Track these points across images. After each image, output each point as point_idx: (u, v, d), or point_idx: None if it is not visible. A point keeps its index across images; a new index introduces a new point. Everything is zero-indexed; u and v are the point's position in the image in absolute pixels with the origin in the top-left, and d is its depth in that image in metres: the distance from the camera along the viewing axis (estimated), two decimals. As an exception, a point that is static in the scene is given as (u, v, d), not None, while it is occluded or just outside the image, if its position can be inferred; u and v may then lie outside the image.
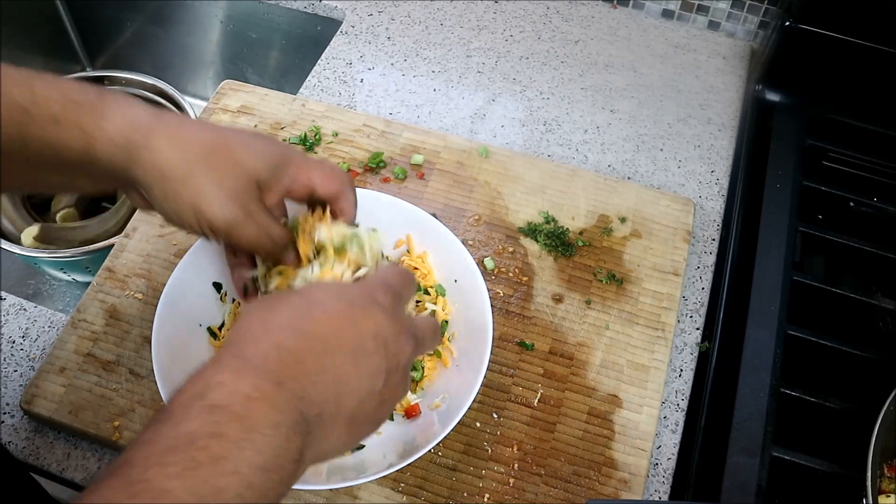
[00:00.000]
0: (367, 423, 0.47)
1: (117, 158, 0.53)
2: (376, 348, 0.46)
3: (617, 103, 0.95)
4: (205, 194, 0.54)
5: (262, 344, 0.43)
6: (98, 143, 0.53)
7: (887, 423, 0.61)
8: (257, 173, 0.56)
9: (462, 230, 0.79)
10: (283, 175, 0.58)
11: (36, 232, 1.00)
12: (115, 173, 0.54)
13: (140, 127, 0.53)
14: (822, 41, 0.88)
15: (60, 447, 0.69)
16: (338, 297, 0.47)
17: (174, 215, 0.55)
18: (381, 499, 0.64)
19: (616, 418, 0.69)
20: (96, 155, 0.53)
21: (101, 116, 0.53)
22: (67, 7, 1.25)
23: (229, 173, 0.55)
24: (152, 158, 0.53)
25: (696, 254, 0.82)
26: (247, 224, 0.56)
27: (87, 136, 0.52)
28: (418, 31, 1.02)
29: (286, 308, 0.46)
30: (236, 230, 0.56)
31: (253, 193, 0.56)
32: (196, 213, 0.54)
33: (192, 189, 0.54)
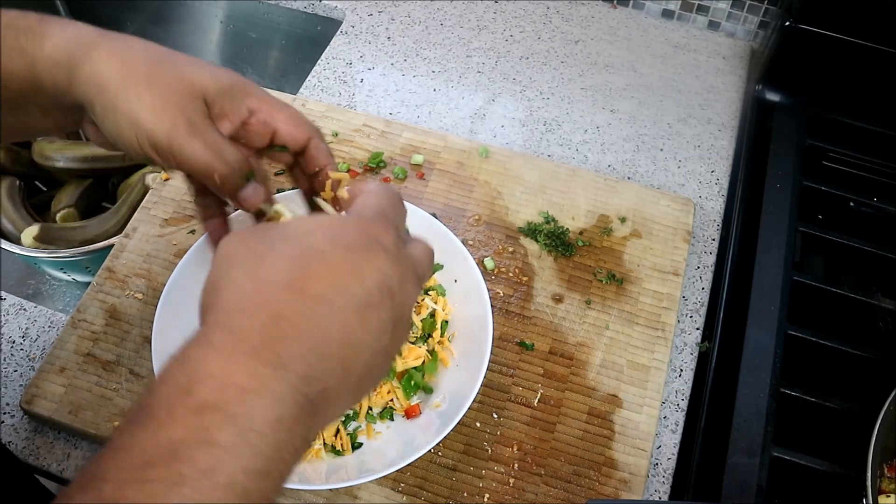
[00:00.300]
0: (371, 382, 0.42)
1: (59, 78, 0.50)
2: (382, 299, 0.40)
3: (617, 103, 0.95)
4: (143, 103, 0.49)
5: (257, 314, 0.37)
6: (40, 64, 0.50)
7: (887, 423, 0.61)
8: (205, 89, 0.51)
9: (462, 230, 0.79)
10: (238, 104, 0.53)
11: (36, 232, 1.00)
12: (59, 97, 0.51)
13: (81, 43, 0.50)
14: (822, 41, 0.88)
15: (60, 447, 0.69)
16: (336, 241, 0.40)
17: (115, 134, 0.50)
18: (381, 499, 0.64)
19: (616, 418, 0.69)
20: (39, 77, 0.50)
21: (41, 36, 0.50)
22: (67, 7, 1.25)
23: (173, 85, 0.50)
24: (91, 70, 0.49)
25: (696, 254, 0.82)
26: (191, 139, 0.50)
27: (29, 59, 0.50)
28: (418, 31, 1.02)
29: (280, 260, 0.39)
30: (180, 146, 0.49)
31: (199, 108, 0.51)
32: (135, 127, 0.49)
33: (131, 98, 0.49)
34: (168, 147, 0.49)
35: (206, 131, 0.51)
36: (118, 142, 0.51)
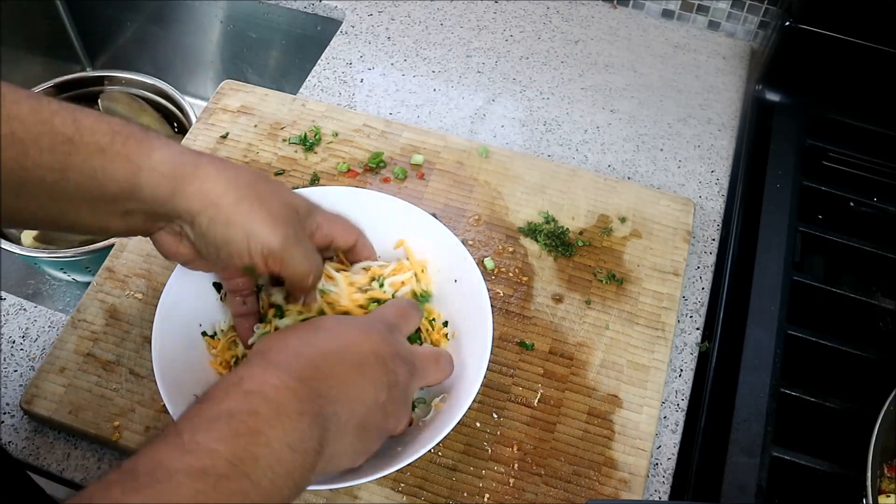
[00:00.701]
0: (373, 433, 0.53)
1: (162, 188, 0.54)
2: (376, 363, 0.53)
3: (617, 103, 0.95)
4: (258, 218, 0.56)
5: (283, 353, 0.50)
6: (144, 173, 0.53)
7: (887, 423, 0.61)
8: (297, 207, 0.60)
9: (462, 230, 0.79)
10: (312, 220, 0.61)
11: (36, 232, 1.00)
12: (155, 205, 0.55)
13: (186, 160, 0.55)
14: (822, 41, 0.88)
15: (60, 447, 0.69)
16: (341, 323, 0.56)
17: (222, 243, 0.56)
18: (381, 499, 0.64)
19: (616, 418, 0.69)
20: (141, 184, 0.53)
21: (148, 147, 0.54)
22: (67, 7, 1.25)
23: (276, 202, 0.57)
24: (201, 187, 0.55)
25: (696, 254, 0.82)
26: (297, 247, 0.58)
27: (134, 166, 0.53)
28: (418, 31, 1.02)
29: (299, 331, 0.53)
30: (289, 252, 0.57)
31: (297, 222, 0.59)
32: (249, 237, 0.56)
33: (245, 213, 0.55)
34: (281, 255, 0.57)
35: (306, 243, 0.60)
36: (222, 251, 0.56)
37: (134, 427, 0.67)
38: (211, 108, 0.89)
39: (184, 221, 0.56)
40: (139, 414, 0.68)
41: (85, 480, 0.67)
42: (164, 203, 0.55)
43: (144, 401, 0.68)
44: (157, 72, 1.19)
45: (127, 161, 0.53)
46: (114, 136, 0.53)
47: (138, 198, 0.54)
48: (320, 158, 0.85)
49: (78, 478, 0.67)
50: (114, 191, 0.53)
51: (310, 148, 0.85)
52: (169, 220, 0.57)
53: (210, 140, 0.86)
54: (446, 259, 0.71)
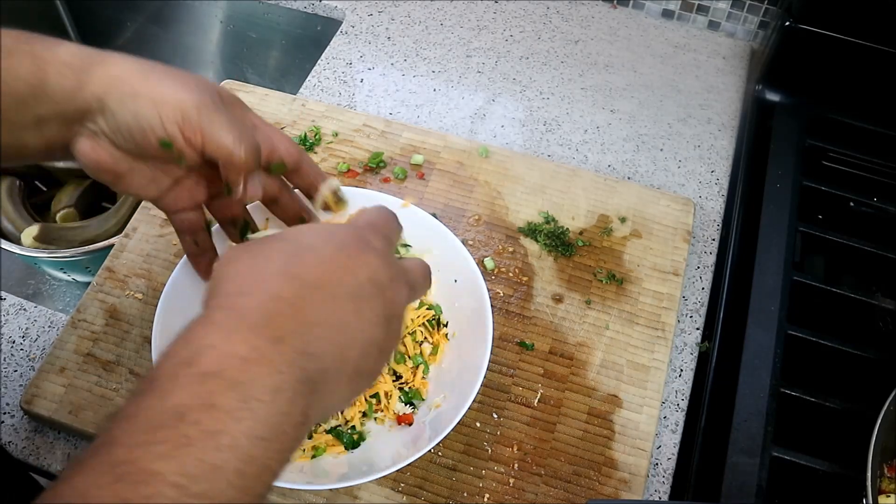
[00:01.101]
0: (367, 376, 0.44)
1: (69, 80, 0.51)
2: (373, 293, 0.43)
3: (617, 103, 0.95)
4: (166, 84, 0.51)
5: (255, 295, 0.39)
6: (50, 66, 0.51)
7: (887, 423, 0.61)
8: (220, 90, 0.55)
9: (462, 230, 0.79)
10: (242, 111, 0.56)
11: (36, 232, 1.00)
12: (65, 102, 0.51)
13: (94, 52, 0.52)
14: (822, 41, 0.88)
15: (60, 447, 0.69)
16: (328, 240, 0.43)
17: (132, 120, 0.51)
18: (381, 499, 0.64)
19: (616, 418, 0.69)
20: (47, 79, 0.51)
21: (54, 44, 0.52)
22: (67, 7, 1.25)
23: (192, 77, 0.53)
24: (107, 70, 0.51)
25: (696, 254, 0.82)
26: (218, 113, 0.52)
27: (40, 61, 0.51)
28: (418, 31, 1.02)
29: (275, 253, 0.42)
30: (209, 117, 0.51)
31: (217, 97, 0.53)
32: (159, 105, 0.51)
33: (153, 82, 0.51)
34: (198, 118, 0.51)
35: (231, 113, 0.53)
36: (134, 130, 0.51)
37: (134, 427, 0.67)
38: (211, 108, 0.89)
39: (96, 114, 0.52)
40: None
41: (85, 480, 0.67)
42: (73, 96, 0.51)
43: (144, 401, 0.68)
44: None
45: (32, 57, 0.51)
46: (19, 37, 0.52)
47: (47, 95, 0.51)
48: (320, 158, 0.85)
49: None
50: (22, 91, 0.51)
51: (310, 148, 0.85)
52: (82, 120, 0.53)
53: (210, 140, 0.86)
54: (446, 259, 0.71)
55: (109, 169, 0.54)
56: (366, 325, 0.42)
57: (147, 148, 0.52)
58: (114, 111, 0.51)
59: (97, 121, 0.52)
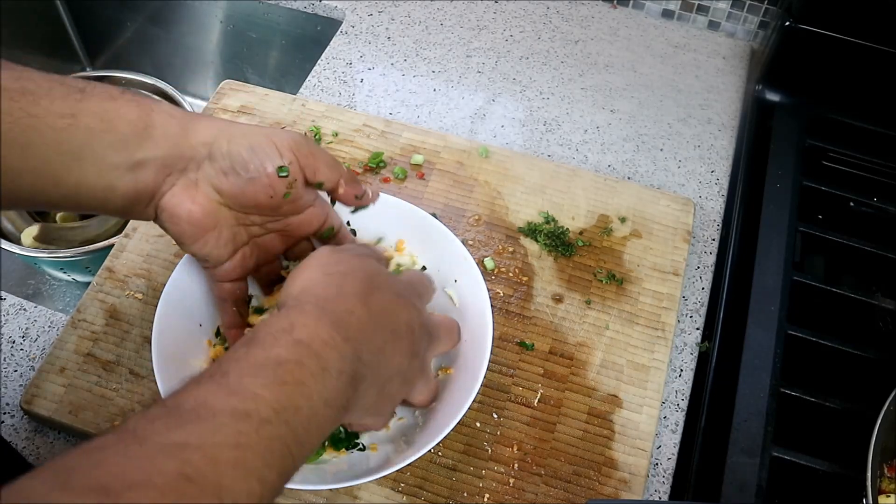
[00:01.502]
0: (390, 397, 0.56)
1: (173, 126, 0.55)
2: (407, 334, 0.55)
3: (617, 103, 0.95)
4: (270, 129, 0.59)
5: (339, 304, 0.50)
6: (155, 114, 0.55)
7: (887, 423, 0.61)
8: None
9: (462, 230, 0.79)
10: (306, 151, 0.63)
11: (36, 232, 1.00)
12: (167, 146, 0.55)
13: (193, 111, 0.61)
14: (822, 41, 0.88)
15: (60, 447, 0.69)
16: (392, 286, 0.56)
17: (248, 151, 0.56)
18: (381, 499, 0.64)
19: (616, 418, 0.69)
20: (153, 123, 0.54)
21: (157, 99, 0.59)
22: (67, 7, 1.25)
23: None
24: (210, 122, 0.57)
25: (696, 254, 0.82)
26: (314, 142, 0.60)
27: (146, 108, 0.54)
28: (418, 31, 1.02)
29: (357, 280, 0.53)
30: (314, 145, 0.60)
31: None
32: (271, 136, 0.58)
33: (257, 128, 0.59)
34: (307, 146, 0.59)
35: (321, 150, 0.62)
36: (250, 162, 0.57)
37: (134, 427, 0.67)
38: (211, 108, 0.89)
39: (201, 161, 0.56)
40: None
41: (85, 480, 0.67)
42: (178, 141, 0.55)
43: (144, 401, 0.68)
44: (157, 72, 1.19)
45: (138, 105, 0.54)
46: (123, 90, 0.55)
47: (151, 138, 0.54)
48: (320, 158, 0.85)
49: (78, 478, 0.67)
50: (125, 132, 0.53)
51: (310, 148, 0.85)
52: (183, 168, 0.56)
53: (210, 140, 0.86)
54: (446, 259, 0.71)
55: (198, 220, 0.58)
56: (398, 355, 0.54)
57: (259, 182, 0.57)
58: (226, 151, 0.56)
59: (202, 167, 0.56)
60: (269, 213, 0.61)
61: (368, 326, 0.51)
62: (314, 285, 0.52)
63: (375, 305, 0.52)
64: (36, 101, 0.50)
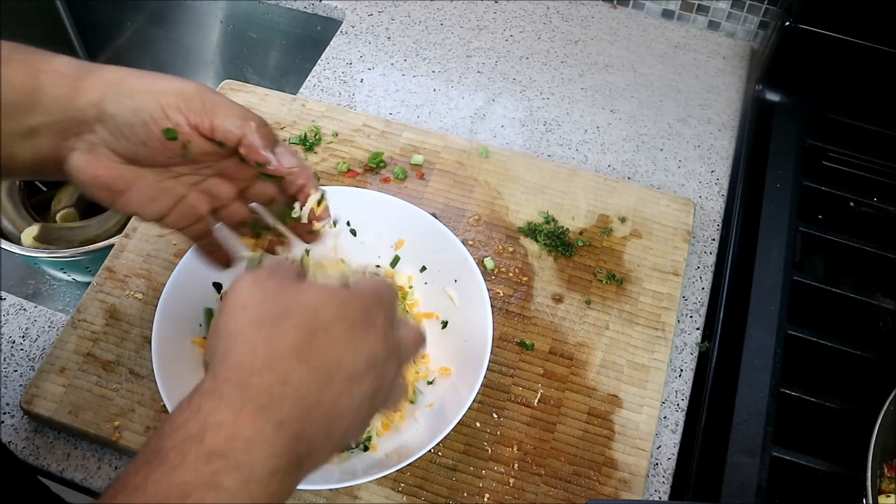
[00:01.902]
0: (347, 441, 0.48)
1: (63, 87, 0.51)
2: (367, 371, 0.45)
3: (617, 103, 0.95)
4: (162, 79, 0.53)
5: (267, 376, 0.42)
6: (43, 75, 0.51)
7: (887, 423, 0.61)
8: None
9: (462, 230, 0.79)
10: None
11: (36, 232, 1.00)
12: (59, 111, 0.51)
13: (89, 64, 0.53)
14: (822, 41, 0.88)
15: (60, 447, 0.69)
16: (341, 317, 0.45)
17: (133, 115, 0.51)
18: (381, 499, 0.64)
19: (616, 418, 0.69)
20: (41, 86, 0.50)
21: (49, 56, 0.52)
22: (67, 7, 1.25)
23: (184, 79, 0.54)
24: (102, 76, 0.52)
25: (696, 254, 0.82)
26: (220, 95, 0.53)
27: (33, 69, 0.51)
28: (418, 31, 1.02)
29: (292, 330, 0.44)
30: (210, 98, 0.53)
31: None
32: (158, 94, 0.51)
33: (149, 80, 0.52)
34: (201, 102, 0.52)
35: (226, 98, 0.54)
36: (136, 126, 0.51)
37: (134, 427, 0.67)
38: (211, 108, 0.89)
39: (93, 123, 0.52)
40: (139, 414, 0.68)
41: (85, 480, 0.67)
42: (68, 104, 0.51)
43: (144, 401, 0.68)
44: (157, 72, 1.19)
45: (26, 66, 0.51)
46: (14, 47, 0.51)
47: (40, 103, 0.51)
48: (320, 158, 0.85)
49: (78, 478, 0.67)
50: (14, 99, 0.50)
51: (310, 148, 0.85)
52: (78, 131, 0.52)
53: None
54: (446, 259, 0.71)
55: (107, 184, 0.53)
56: (354, 404, 0.45)
57: (151, 146, 0.52)
58: (113, 113, 0.51)
59: (95, 130, 0.52)
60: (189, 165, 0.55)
61: (311, 389, 0.42)
62: (238, 346, 0.43)
63: (320, 357, 0.43)
64: None
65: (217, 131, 0.53)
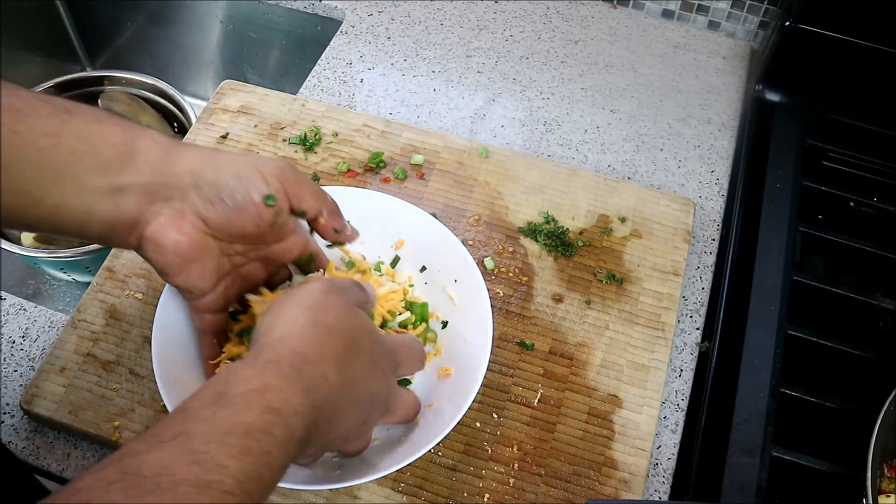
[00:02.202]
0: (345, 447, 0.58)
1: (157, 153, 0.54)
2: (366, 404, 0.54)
3: (617, 103, 0.95)
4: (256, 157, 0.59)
5: (316, 368, 0.49)
6: (140, 139, 0.53)
7: (887, 423, 0.61)
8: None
9: (462, 230, 0.79)
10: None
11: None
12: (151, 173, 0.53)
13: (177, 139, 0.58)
14: (822, 41, 0.88)
15: (60, 447, 0.69)
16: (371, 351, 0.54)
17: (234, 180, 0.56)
18: (381, 499, 0.64)
19: (616, 418, 0.69)
20: (137, 148, 0.53)
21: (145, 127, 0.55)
22: (67, 7, 1.25)
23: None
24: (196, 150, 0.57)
25: (696, 254, 0.82)
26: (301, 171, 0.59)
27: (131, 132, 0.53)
28: (418, 31, 1.02)
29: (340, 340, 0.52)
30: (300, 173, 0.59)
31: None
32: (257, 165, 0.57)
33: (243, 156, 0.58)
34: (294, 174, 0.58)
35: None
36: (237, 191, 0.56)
37: (134, 427, 0.67)
38: (211, 108, 0.89)
39: (187, 190, 0.55)
40: (139, 414, 0.68)
41: (85, 480, 0.67)
42: (163, 169, 0.54)
43: (144, 401, 0.68)
44: (157, 72, 1.19)
45: (123, 129, 0.53)
46: (111, 114, 0.54)
47: (134, 164, 0.53)
48: (320, 158, 0.85)
49: (78, 478, 0.67)
50: (108, 155, 0.52)
51: (310, 148, 0.85)
52: (167, 196, 0.54)
53: (210, 140, 0.86)
54: (446, 259, 0.71)
55: (184, 251, 0.56)
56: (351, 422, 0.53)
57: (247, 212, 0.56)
58: (212, 180, 0.55)
59: (188, 197, 0.55)
60: (254, 242, 0.60)
61: (335, 395, 0.50)
62: (296, 335, 0.50)
63: (349, 374, 0.51)
64: (20, 119, 0.49)
65: (304, 202, 0.60)
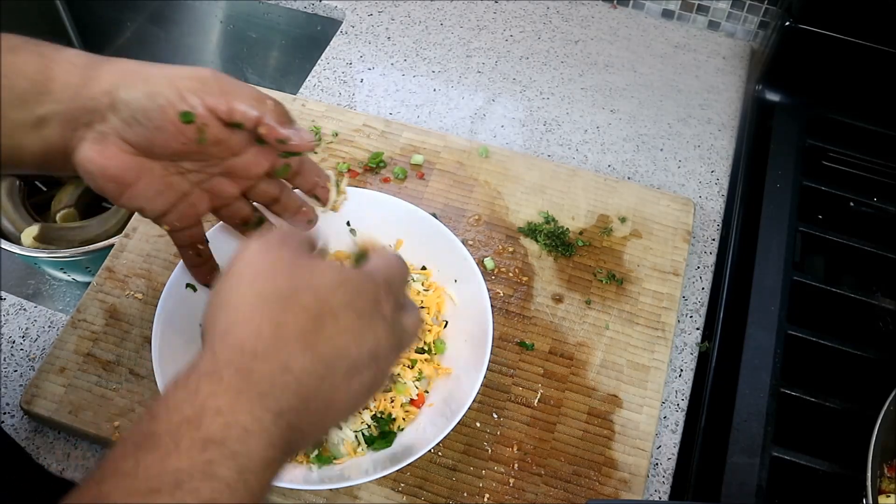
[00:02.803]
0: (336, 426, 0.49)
1: (74, 76, 0.50)
2: (369, 363, 0.43)
3: (617, 103, 0.95)
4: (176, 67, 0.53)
5: (269, 362, 0.40)
6: (55, 64, 0.50)
7: (887, 423, 0.61)
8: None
9: (462, 230, 0.79)
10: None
11: (36, 232, 1.00)
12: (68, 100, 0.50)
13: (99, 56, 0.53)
14: (822, 41, 0.88)
15: (60, 447, 0.69)
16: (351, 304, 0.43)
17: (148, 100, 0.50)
18: (381, 499, 0.64)
19: (616, 418, 0.69)
20: (52, 75, 0.50)
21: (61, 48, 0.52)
22: (67, 7, 1.25)
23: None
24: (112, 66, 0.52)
25: (696, 254, 0.82)
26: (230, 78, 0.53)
27: (45, 59, 0.50)
28: (418, 31, 1.02)
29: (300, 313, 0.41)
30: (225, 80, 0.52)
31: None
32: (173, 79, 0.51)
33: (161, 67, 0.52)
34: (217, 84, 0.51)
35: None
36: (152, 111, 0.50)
37: (134, 427, 0.67)
38: (211, 108, 0.89)
39: (105, 112, 0.51)
40: (139, 414, 0.68)
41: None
42: (79, 93, 0.50)
43: (144, 401, 0.68)
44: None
45: (38, 55, 0.51)
46: (25, 40, 0.51)
47: (51, 92, 0.50)
48: (320, 158, 0.85)
49: (78, 478, 0.67)
50: (24, 88, 0.49)
51: (310, 148, 0.85)
52: (88, 121, 0.51)
53: (210, 140, 0.86)
54: (446, 259, 0.71)
55: (115, 176, 0.52)
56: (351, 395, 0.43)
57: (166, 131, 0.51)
58: (127, 99, 0.50)
59: (107, 119, 0.51)
60: (200, 160, 0.55)
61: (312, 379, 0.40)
62: (242, 323, 0.41)
63: (325, 345, 0.41)
64: None
65: (235, 113, 0.52)
